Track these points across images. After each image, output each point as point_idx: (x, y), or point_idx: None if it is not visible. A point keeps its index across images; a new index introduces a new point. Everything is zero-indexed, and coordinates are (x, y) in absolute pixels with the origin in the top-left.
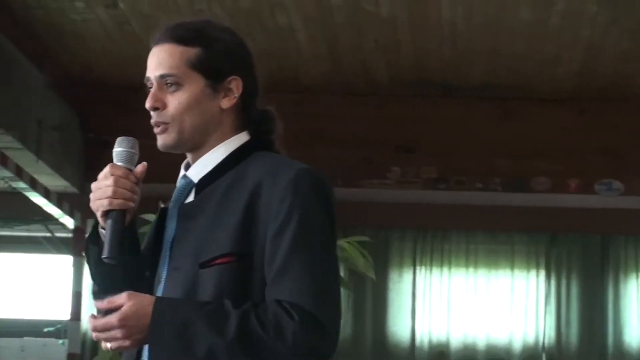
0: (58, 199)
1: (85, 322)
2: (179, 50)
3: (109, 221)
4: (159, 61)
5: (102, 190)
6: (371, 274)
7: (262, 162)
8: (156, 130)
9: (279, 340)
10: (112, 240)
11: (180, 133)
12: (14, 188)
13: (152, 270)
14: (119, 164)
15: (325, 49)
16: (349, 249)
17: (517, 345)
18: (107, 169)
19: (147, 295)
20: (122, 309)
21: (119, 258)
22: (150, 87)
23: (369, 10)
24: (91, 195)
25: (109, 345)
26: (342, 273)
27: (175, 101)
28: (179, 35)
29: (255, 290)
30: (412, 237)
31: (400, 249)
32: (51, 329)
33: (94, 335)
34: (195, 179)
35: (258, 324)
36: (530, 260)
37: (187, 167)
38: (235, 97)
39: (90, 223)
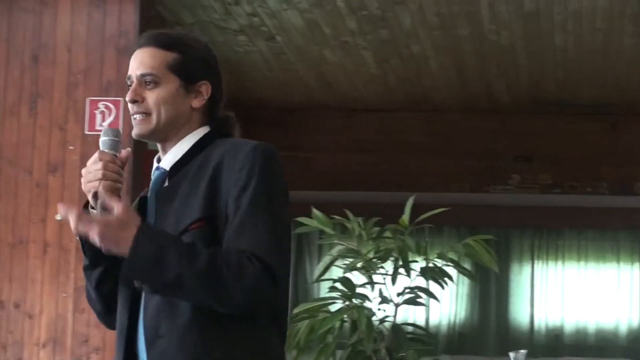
0: None
1: None
2: (160, 53)
3: (99, 201)
4: (141, 62)
5: (92, 174)
6: (495, 268)
7: (224, 143)
8: (135, 119)
9: (239, 281)
10: None
11: (157, 124)
12: None
13: None
14: (105, 150)
15: (453, 73)
16: (476, 246)
17: (623, 329)
18: (95, 155)
19: (138, 217)
20: (114, 216)
21: None
22: (131, 85)
23: (491, 39)
24: (82, 179)
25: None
26: (469, 267)
27: (153, 95)
28: (161, 41)
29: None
30: (530, 235)
31: (520, 245)
32: None
33: (72, 224)
34: (167, 167)
35: (224, 263)
36: (634, 254)
37: (159, 161)
38: (204, 99)
39: None
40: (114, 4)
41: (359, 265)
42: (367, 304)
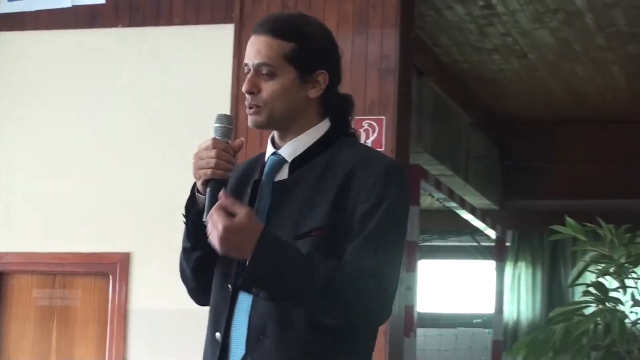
0: (482, 215)
1: (507, 314)
2: (277, 43)
3: (209, 189)
4: (257, 50)
5: (205, 161)
6: None
7: (353, 149)
8: (249, 111)
9: (354, 300)
10: (211, 206)
11: (270, 116)
12: (447, 207)
13: None
14: (219, 138)
15: None
16: None
17: None
18: (209, 142)
19: (260, 223)
20: (236, 220)
21: None
22: (247, 72)
23: None
24: (193, 163)
25: (208, 224)
26: None
27: (269, 88)
28: (278, 29)
29: (337, 258)
30: None
31: None
32: (479, 320)
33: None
34: (289, 158)
35: (342, 280)
36: None
37: (274, 145)
38: (322, 88)
39: (509, 234)
40: (376, 29)
41: (611, 270)
42: (619, 307)
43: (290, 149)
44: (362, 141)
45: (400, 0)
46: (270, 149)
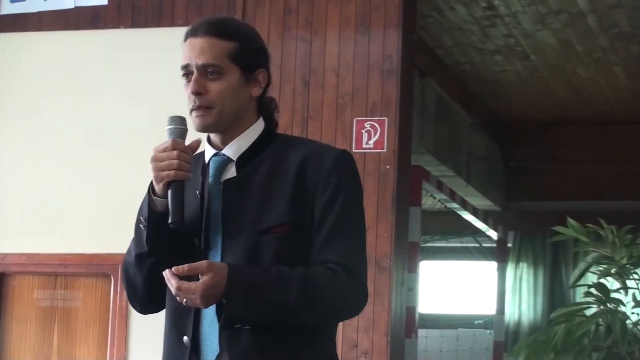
0: (484, 216)
1: (508, 315)
2: (221, 43)
3: (171, 190)
4: (201, 51)
5: (166, 163)
6: None
7: (297, 143)
8: (197, 113)
9: (334, 298)
10: (176, 208)
11: (219, 116)
12: (449, 208)
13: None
14: (178, 139)
15: None
16: None
17: None
18: (169, 143)
19: (223, 265)
20: (205, 279)
21: (181, 223)
22: (187, 73)
23: None
24: (153, 165)
25: (182, 301)
26: None
27: (217, 88)
28: (219, 31)
29: (304, 253)
30: None
31: None
32: (480, 321)
33: (174, 291)
34: (234, 157)
35: (316, 285)
36: None
37: (212, 146)
38: (262, 87)
39: (510, 236)
40: (378, 31)
41: (612, 271)
42: (621, 308)
43: (234, 148)
44: (364, 143)
45: (403, 1)
46: (210, 150)
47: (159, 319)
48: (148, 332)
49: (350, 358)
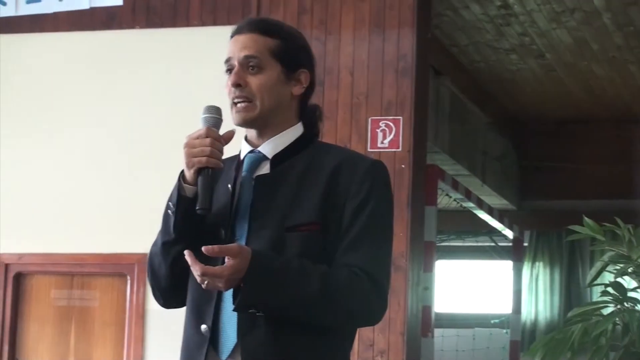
0: (500, 215)
1: (525, 314)
2: (262, 39)
3: (201, 177)
4: (243, 45)
5: (199, 149)
6: None
7: (335, 150)
8: (238, 106)
9: (351, 301)
10: (205, 194)
11: (260, 111)
12: (464, 207)
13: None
14: (212, 128)
15: None
16: None
17: None
18: (203, 131)
19: (248, 249)
20: (233, 263)
21: (209, 210)
22: (230, 68)
23: None
24: (185, 151)
25: (204, 284)
26: None
27: (257, 81)
28: (262, 27)
29: (329, 254)
30: None
31: None
32: (496, 320)
33: (198, 278)
34: (269, 155)
35: (336, 284)
36: None
37: (250, 144)
38: (303, 87)
39: (526, 235)
40: (392, 30)
41: (629, 270)
42: (638, 307)
43: (270, 146)
44: (379, 142)
45: (417, 1)
46: (246, 148)
47: (176, 318)
48: (164, 332)
49: (367, 357)
